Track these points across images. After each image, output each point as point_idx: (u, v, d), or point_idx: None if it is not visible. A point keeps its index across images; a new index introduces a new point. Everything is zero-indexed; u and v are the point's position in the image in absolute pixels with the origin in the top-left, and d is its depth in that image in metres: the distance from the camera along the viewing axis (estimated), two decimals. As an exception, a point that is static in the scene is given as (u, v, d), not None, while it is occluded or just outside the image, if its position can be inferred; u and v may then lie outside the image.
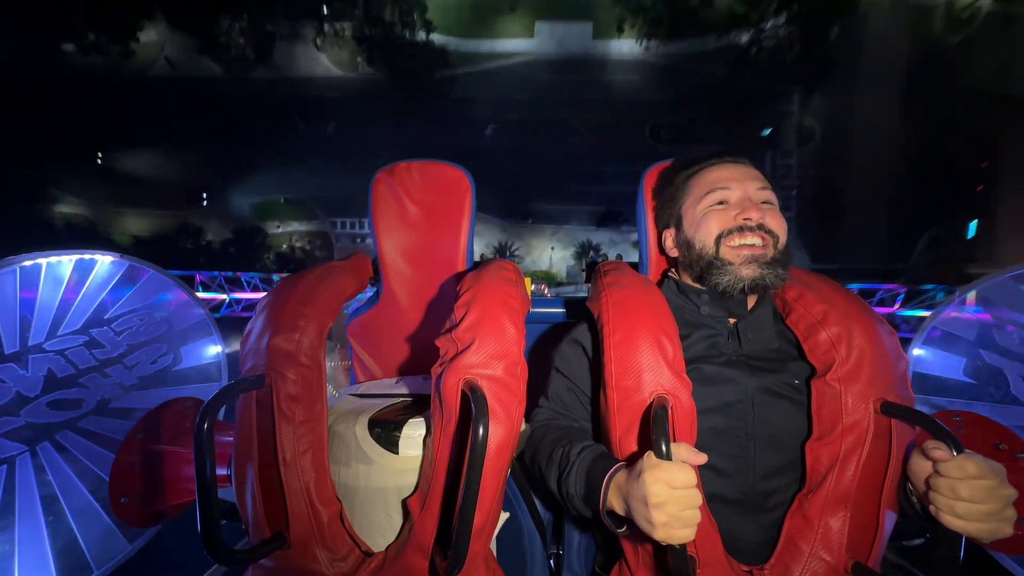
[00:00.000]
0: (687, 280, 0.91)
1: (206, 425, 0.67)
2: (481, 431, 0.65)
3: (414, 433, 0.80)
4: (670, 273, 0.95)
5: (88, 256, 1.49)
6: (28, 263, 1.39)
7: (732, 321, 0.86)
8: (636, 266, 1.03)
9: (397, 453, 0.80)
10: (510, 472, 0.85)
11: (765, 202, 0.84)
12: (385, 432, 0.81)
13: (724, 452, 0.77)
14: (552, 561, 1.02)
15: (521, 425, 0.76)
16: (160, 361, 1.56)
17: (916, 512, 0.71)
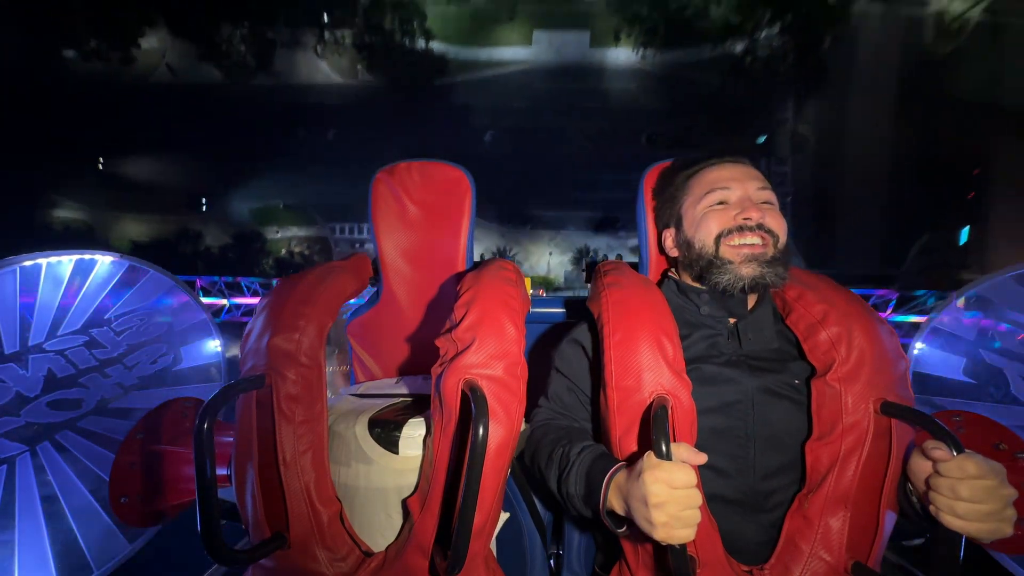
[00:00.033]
0: (687, 280, 0.91)
1: (206, 425, 0.67)
2: (481, 431, 0.65)
3: (414, 433, 0.80)
4: (670, 273, 0.95)
5: (88, 256, 1.49)
6: (28, 263, 1.39)
7: (732, 321, 0.86)
8: (636, 266, 1.03)
9: (397, 453, 0.80)
10: (510, 472, 0.84)
11: (765, 202, 0.84)
12: (385, 432, 0.81)
13: (724, 452, 0.77)
14: (552, 561, 1.02)
15: (521, 425, 0.76)
16: (160, 361, 1.56)
17: (916, 512, 0.71)
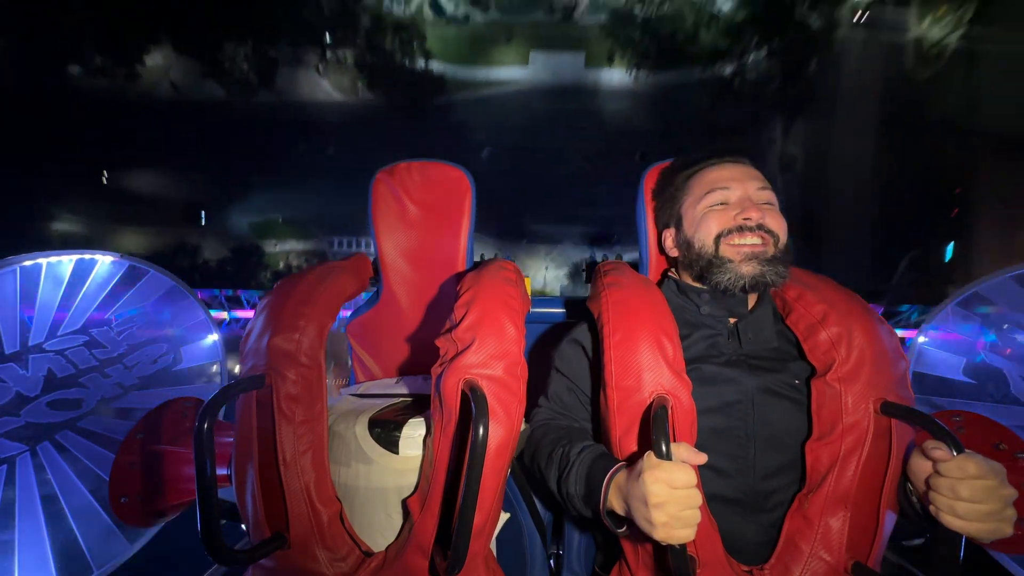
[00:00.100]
0: (687, 280, 0.91)
1: (206, 425, 0.67)
2: (481, 431, 0.65)
3: (414, 433, 0.80)
4: (670, 273, 0.95)
5: (88, 256, 1.49)
6: (28, 263, 1.39)
7: (732, 321, 0.86)
8: (636, 266, 1.03)
9: (397, 453, 0.80)
10: (510, 472, 0.84)
11: (765, 202, 0.84)
12: (385, 432, 0.81)
13: (724, 452, 0.77)
14: (552, 561, 1.02)
15: (521, 425, 0.76)
16: (160, 361, 1.56)
17: (916, 512, 0.71)
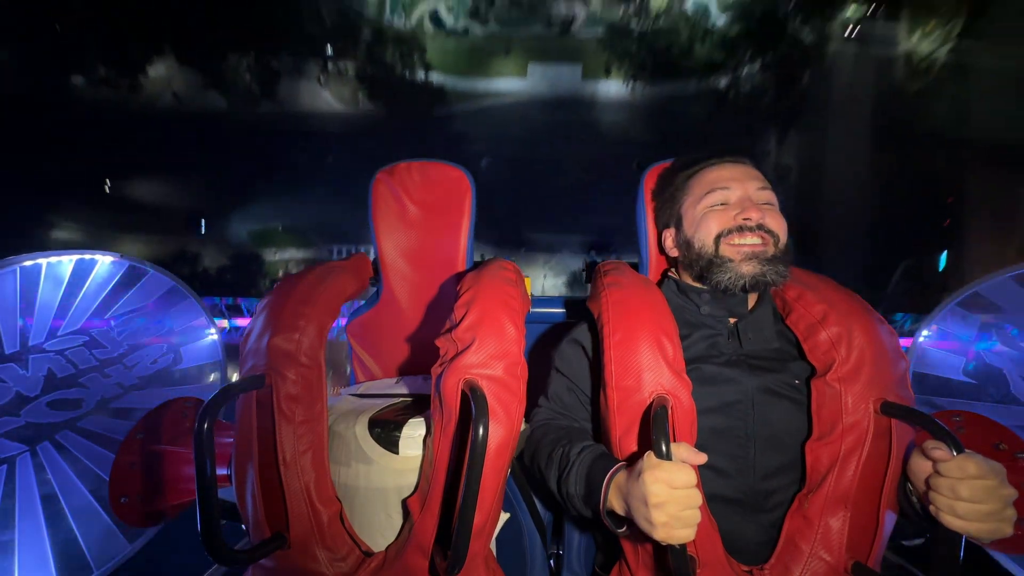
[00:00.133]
0: (687, 280, 0.91)
1: (206, 425, 0.67)
2: (481, 431, 0.65)
3: (414, 433, 0.80)
4: (670, 273, 0.95)
5: (88, 256, 1.49)
6: (28, 263, 1.39)
7: (732, 321, 0.86)
8: (636, 266, 1.03)
9: (397, 453, 0.80)
10: (510, 472, 0.84)
11: (766, 203, 0.84)
12: (385, 432, 0.81)
13: (724, 452, 0.77)
14: (552, 561, 1.02)
15: (521, 425, 0.76)
16: (160, 361, 1.56)
17: (916, 512, 0.71)
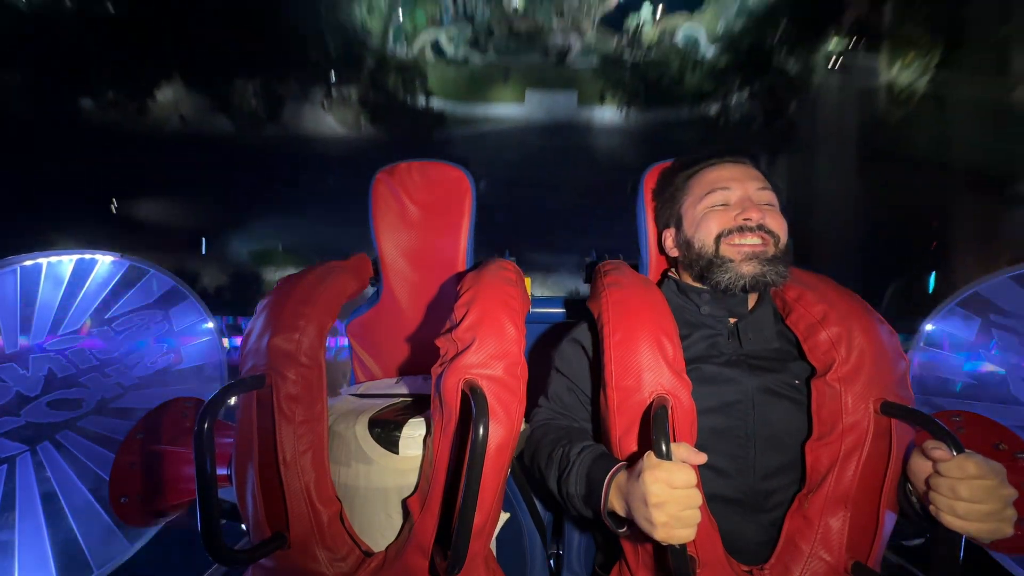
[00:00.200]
0: (687, 280, 0.91)
1: (206, 425, 0.67)
2: (481, 431, 0.65)
3: (414, 433, 0.80)
4: (670, 273, 0.95)
5: (88, 256, 1.49)
6: (28, 263, 1.39)
7: (732, 321, 0.86)
8: (636, 266, 1.03)
9: (397, 453, 0.80)
10: (510, 472, 0.84)
11: (766, 203, 0.84)
12: (385, 432, 0.81)
13: (724, 452, 0.77)
14: (552, 561, 1.02)
15: (521, 425, 0.76)
16: (160, 361, 1.56)
17: (916, 512, 0.71)
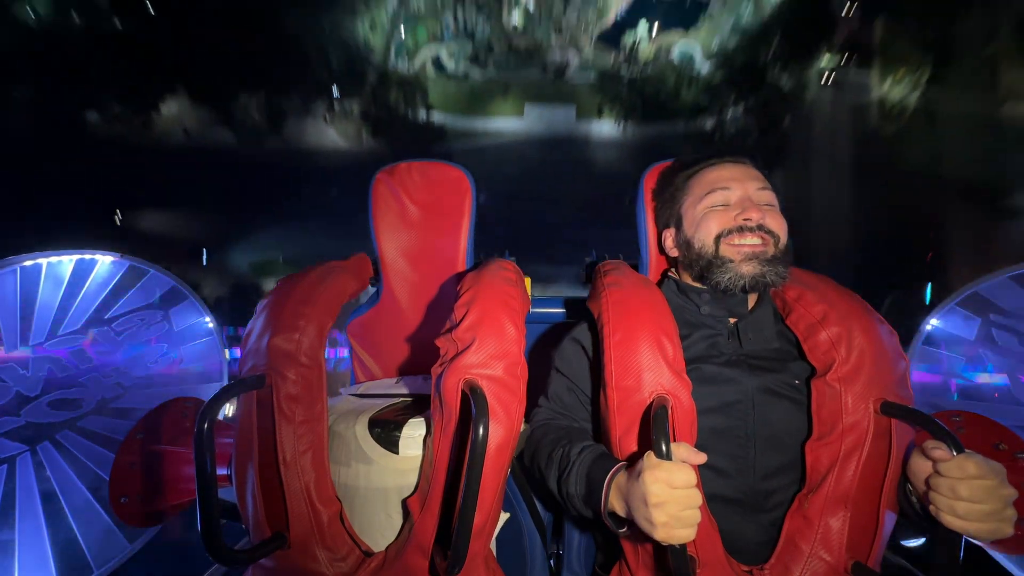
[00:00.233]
0: (687, 280, 0.91)
1: (206, 425, 0.67)
2: (481, 431, 0.65)
3: (414, 433, 0.80)
4: (670, 273, 0.95)
5: (88, 256, 1.49)
6: (28, 263, 1.39)
7: (732, 321, 0.86)
8: (636, 266, 1.03)
9: (397, 453, 0.80)
10: (510, 472, 0.84)
11: (766, 203, 0.84)
12: (385, 432, 0.81)
13: (724, 452, 0.77)
14: (552, 561, 1.02)
15: (521, 425, 0.76)
16: (160, 361, 1.56)
17: (916, 512, 0.71)
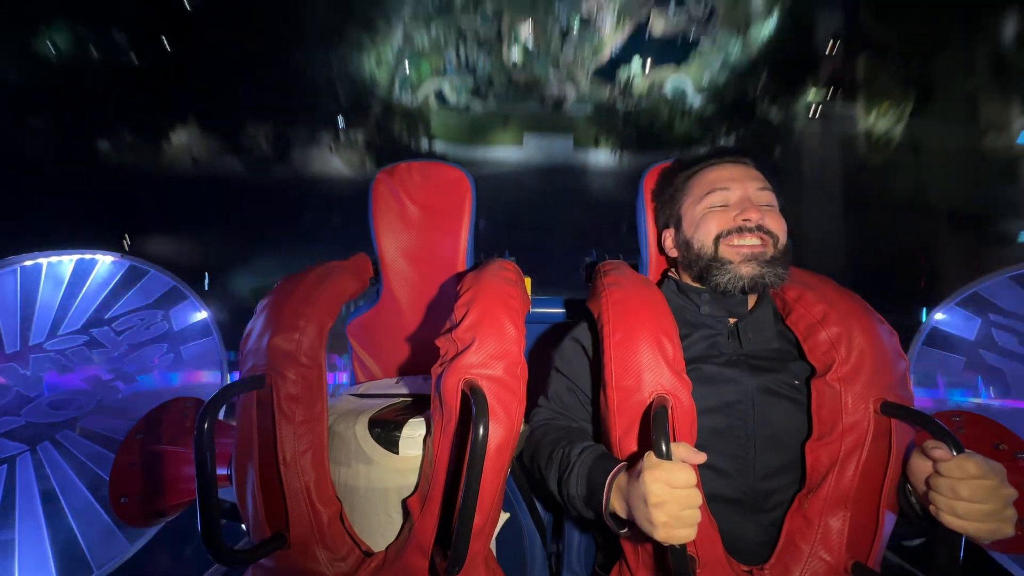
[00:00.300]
0: (687, 280, 0.91)
1: (206, 425, 0.67)
2: (481, 431, 0.65)
3: (414, 433, 0.80)
4: (670, 273, 0.95)
5: (88, 256, 1.49)
6: (28, 263, 1.39)
7: (732, 321, 0.86)
8: (636, 266, 1.03)
9: (397, 453, 0.80)
10: (510, 472, 0.84)
11: (766, 204, 0.84)
12: (385, 432, 0.81)
13: (724, 452, 0.77)
14: (552, 561, 1.02)
15: (521, 425, 0.76)
16: (160, 361, 1.56)
17: (916, 512, 0.71)
